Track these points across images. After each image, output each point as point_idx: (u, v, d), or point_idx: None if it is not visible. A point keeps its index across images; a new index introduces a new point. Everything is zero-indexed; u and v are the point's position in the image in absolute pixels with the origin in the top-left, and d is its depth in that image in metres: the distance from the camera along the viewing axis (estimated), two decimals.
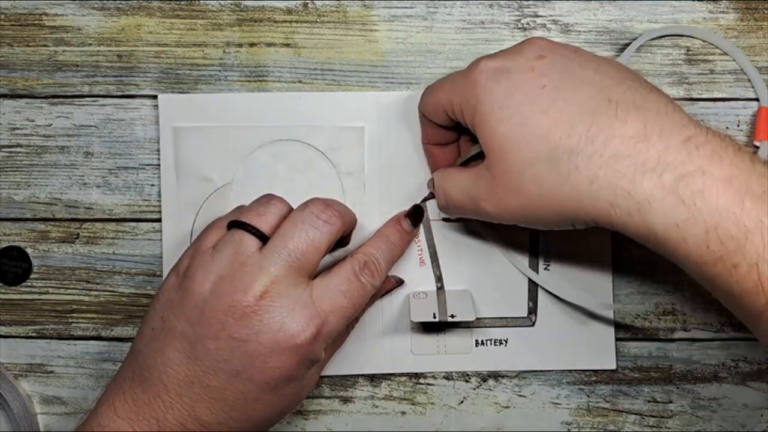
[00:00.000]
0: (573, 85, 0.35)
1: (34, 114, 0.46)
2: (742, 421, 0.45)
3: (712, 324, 0.45)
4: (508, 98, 0.35)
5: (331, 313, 0.37)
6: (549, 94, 0.35)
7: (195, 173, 0.45)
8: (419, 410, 0.46)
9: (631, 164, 0.33)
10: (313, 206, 0.39)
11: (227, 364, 0.36)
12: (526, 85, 0.35)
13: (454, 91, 0.38)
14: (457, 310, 0.43)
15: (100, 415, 0.36)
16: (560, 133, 0.34)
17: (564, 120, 0.34)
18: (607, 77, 0.35)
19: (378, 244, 0.41)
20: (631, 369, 0.46)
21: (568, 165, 0.34)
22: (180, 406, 0.36)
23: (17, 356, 0.46)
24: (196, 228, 0.45)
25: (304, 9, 0.46)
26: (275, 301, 0.36)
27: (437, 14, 0.45)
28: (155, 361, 0.37)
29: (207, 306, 0.36)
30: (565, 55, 0.37)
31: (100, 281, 0.46)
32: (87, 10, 0.46)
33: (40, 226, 0.46)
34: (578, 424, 0.46)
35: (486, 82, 0.36)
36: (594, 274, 0.45)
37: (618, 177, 0.33)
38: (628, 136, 0.33)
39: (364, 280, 0.39)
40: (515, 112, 0.35)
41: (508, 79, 0.36)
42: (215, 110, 0.45)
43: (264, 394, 0.37)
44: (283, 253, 0.37)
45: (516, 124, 0.35)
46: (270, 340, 0.36)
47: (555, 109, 0.34)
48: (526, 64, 0.36)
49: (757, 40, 0.45)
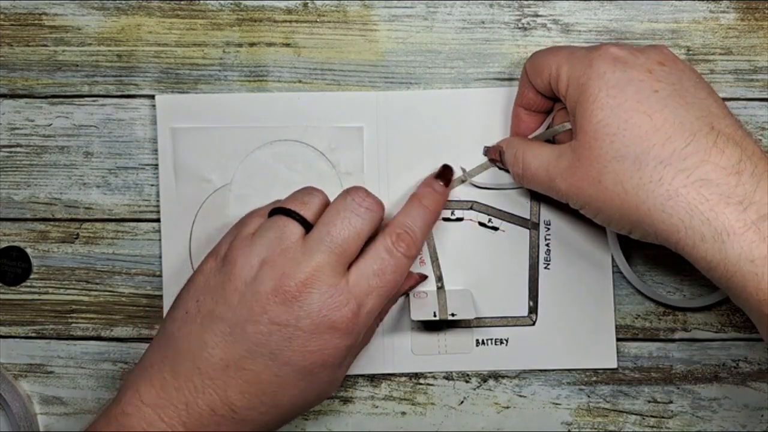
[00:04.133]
0: (683, 101, 0.35)
1: (34, 114, 0.46)
2: (742, 421, 0.45)
3: (713, 324, 0.45)
4: (618, 89, 0.36)
5: (366, 296, 0.37)
6: (658, 100, 0.35)
7: (194, 174, 0.45)
8: (419, 410, 0.46)
9: (716, 192, 0.33)
10: (355, 194, 0.39)
11: (265, 348, 0.36)
12: (641, 83, 0.36)
13: (568, 62, 0.38)
14: (458, 309, 0.43)
15: (123, 402, 0.36)
16: (656, 140, 0.34)
17: (664, 129, 0.34)
18: (716, 106, 0.36)
19: (410, 211, 0.41)
20: (631, 369, 0.45)
21: (652, 173, 0.34)
22: (212, 390, 0.36)
23: (17, 356, 0.46)
24: (195, 228, 0.45)
25: (304, 9, 0.46)
26: (316, 288, 0.36)
27: (437, 14, 0.45)
28: (189, 345, 0.37)
29: (248, 290, 0.36)
30: (683, 71, 0.37)
31: (99, 281, 0.46)
32: (87, 10, 0.46)
33: (40, 226, 0.46)
34: (578, 425, 0.46)
35: (602, 66, 0.36)
36: (594, 273, 0.45)
37: (700, 201, 0.33)
38: (721, 165, 0.33)
39: (398, 253, 0.39)
40: (621, 104, 0.35)
41: (624, 71, 0.36)
42: (213, 111, 0.45)
43: (298, 379, 0.37)
44: (327, 240, 0.37)
45: (617, 116, 0.35)
46: (309, 325, 0.36)
47: (659, 117, 0.35)
48: (646, 64, 0.36)
49: (758, 40, 0.45)
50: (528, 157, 0.40)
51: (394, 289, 0.39)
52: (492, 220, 0.45)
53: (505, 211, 0.45)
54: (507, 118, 0.45)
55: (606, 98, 0.36)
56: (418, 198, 0.42)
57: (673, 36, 0.45)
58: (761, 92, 0.45)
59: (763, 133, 0.45)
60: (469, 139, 0.45)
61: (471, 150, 0.45)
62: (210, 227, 0.45)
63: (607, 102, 0.36)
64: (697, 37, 0.45)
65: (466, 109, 0.45)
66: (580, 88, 0.37)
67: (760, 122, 0.45)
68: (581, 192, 0.36)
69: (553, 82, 0.39)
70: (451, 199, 0.45)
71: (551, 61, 0.39)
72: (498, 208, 0.45)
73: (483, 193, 0.45)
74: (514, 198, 0.45)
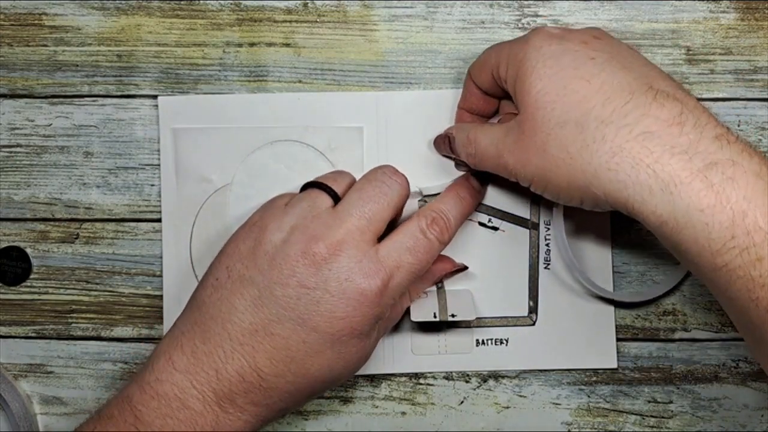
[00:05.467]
0: (620, 65, 0.36)
1: (34, 114, 0.46)
2: (742, 421, 0.45)
3: (713, 324, 0.45)
4: (554, 59, 0.36)
5: (396, 269, 0.37)
6: (595, 65, 0.36)
7: (195, 174, 0.45)
8: (419, 410, 0.46)
9: (660, 144, 0.33)
10: (386, 168, 0.40)
11: (293, 312, 0.36)
12: (577, 53, 0.36)
13: (505, 49, 0.39)
14: (458, 310, 0.43)
15: (157, 370, 0.36)
16: (595, 101, 0.34)
17: (603, 90, 0.35)
18: (654, 71, 0.36)
19: (447, 199, 0.41)
20: (631, 369, 0.45)
21: (594, 133, 0.34)
22: (240, 356, 0.36)
23: (17, 356, 0.46)
24: (195, 228, 0.45)
25: (304, 9, 0.46)
26: (345, 252, 0.37)
27: (437, 14, 0.45)
28: (219, 310, 0.37)
29: (278, 253, 0.37)
30: (619, 44, 0.38)
31: (99, 281, 0.46)
32: (87, 10, 0.46)
33: (40, 226, 0.46)
34: (578, 425, 0.46)
35: (537, 41, 0.37)
36: (594, 273, 0.45)
37: (645, 154, 0.33)
38: (662, 118, 0.33)
39: (431, 236, 0.39)
40: (558, 72, 0.36)
41: (560, 43, 0.37)
42: (214, 111, 0.45)
43: (326, 347, 0.37)
44: (358, 206, 0.38)
45: (555, 83, 0.36)
46: (337, 289, 0.36)
47: (597, 80, 0.35)
48: (581, 37, 0.37)
49: (758, 40, 0.45)
50: (479, 136, 0.40)
51: (423, 270, 0.39)
52: (492, 220, 0.45)
53: (505, 211, 0.45)
54: None
55: (543, 68, 0.36)
56: (455, 188, 0.43)
57: (673, 36, 0.45)
58: (761, 92, 0.45)
59: (763, 133, 0.45)
60: None
61: None
62: (210, 227, 0.45)
63: (544, 72, 0.36)
64: (697, 37, 0.45)
65: None
66: (518, 63, 0.37)
67: (760, 122, 0.45)
68: (528, 164, 0.36)
69: (494, 70, 0.39)
70: None
71: (491, 54, 0.40)
72: (498, 208, 0.45)
73: None
74: (514, 198, 0.45)
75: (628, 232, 0.45)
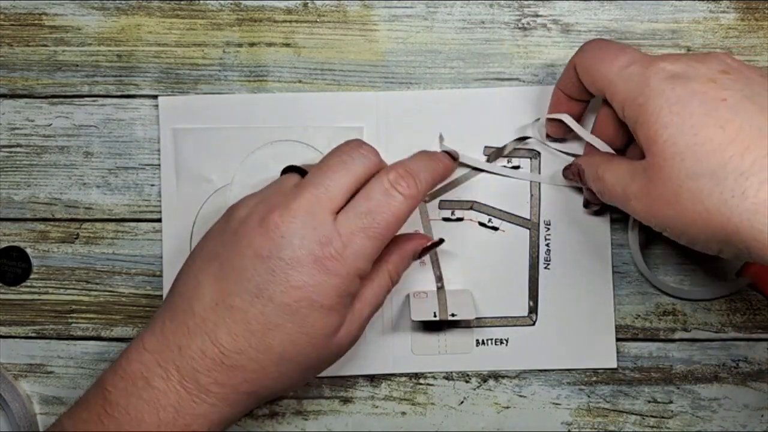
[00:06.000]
0: (756, 107, 0.33)
1: (34, 114, 0.46)
2: (742, 421, 0.45)
3: (713, 324, 0.45)
4: (680, 104, 0.34)
5: (352, 235, 0.36)
6: (728, 109, 0.33)
7: (195, 174, 0.45)
8: (419, 410, 0.46)
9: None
10: (352, 141, 0.39)
11: (250, 283, 0.36)
12: (705, 95, 0.34)
13: (621, 80, 0.36)
14: (458, 309, 0.43)
15: (129, 351, 0.37)
16: (733, 151, 0.32)
17: (740, 139, 0.32)
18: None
19: (418, 159, 0.40)
20: (631, 369, 0.45)
21: (734, 186, 0.32)
22: (203, 332, 0.36)
23: (17, 356, 0.46)
24: (196, 228, 0.45)
25: (304, 9, 0.46)
26: (299, 219, 0.36)
27: (437, 14, 0.45)
28: (187, 287, 0.37)
29: (240, 226, 0.37)
30: (750, 77, 0.35)
31: (99, 281, 0.46)
32: (87, 10, 0.46)
33: (40, 226, 0.46)
34: (578, 425, 0.46)
35: (660, 84, 0.35)
36: (594, 273, 0.45)
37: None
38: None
39: (395, 193, 0.37)
40: (686, 119, 0.33)
41: (685, 85, 0.34)
42: (215, 111, 0.45)
43: (285, 319, 0.36)
44: (317, 176, 0.37)
45: (684, 132, 0.33)
46: (291, 256, 0.35)
47: (732, 126, 0.33)
48: (707, 74, 0.34)
49: (758, 40, 0.45)
50: (607, 173, 0.38)
51: (387, 233, 0.37)
52: (492, 220, 0.45)
53: (505, 211, 0.45)
54: (507, 118, 0.45)
55: (669, 115, 0.34)
56: (425, 152, 0.41)
57: (673, 36, 0.45)
58: None
59: None
60: (469, 139, 0.45)
61: (471, 150, 0.45)
62: None
63: (671, 119, 0.34)
64: (697, 37, 0.45)
65: (466, 109, 0.45)
66: (639, 108, 0.35)
67: None
68: (659, 214, 0.35)
69: (608, 97, 0.38)
70: (451, 198, 0.45)
71: (603, 74, 0.37)
72: (498, 208, 0.45)
73: (483, 193, 0.45)
74: (514, 198, 0.45)
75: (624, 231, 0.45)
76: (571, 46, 0.45)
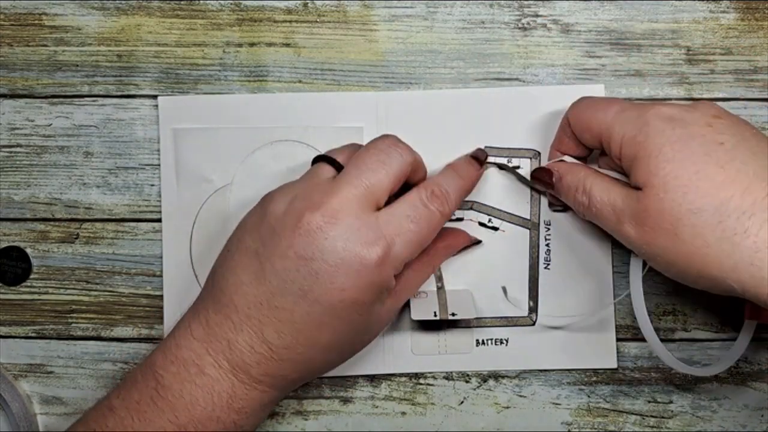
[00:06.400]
0: (751, 151, 0.35)
1: (34, 114, 0.46)
2: (742, 421, 0.45)
3: (713, 324, 0.45)
4: (681, 143, 0.35)
5: (397, 236, 0.37)
6: (726, 151, 0.34)
7: (195, 174, 0.45)
8: (419, 410, 0.46)
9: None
10: (387, 137, 0.40)
11: (294, 285, 0.36)
12: (704, 137, 0.35)
13: (619, 122, 0.37)
14: (458, 309, 0.43)
15: (178, 337, 0.37)
16: (734, 191, 0.33)
17: (740, 179, 0.33)
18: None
19: (446, 175, 0.41)
20: (631, 369, 0.45)
21: (735, 225, 0.33)
22: (249, 328, 0.36)
23: (17, 356, 0.46)
24: (196, 228, 0.45)
25: (304, 9, 0.46)
26: (343, 221, 0.36)
27: (437, 14, 0.45)
28: (227, 282, 0.37)
29: (278, 224, 0.37)
30: (740, 123, 0.36)
31: (99, 281, 0.46)
32: (87, 10, 0.46)
33: (40, 226, 0.46)
34: (578, 425, 0.46)
35: (660, 124, 0.36)
36: (594, 273, 0.45)
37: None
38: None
39: (433, 207, 0.38)
40: (688, 156, 0.34)
41: (684, 127, 0.35)
42: (215, 111, 0.45)
43: (331, 318, 0.36)
44: (355, 174, 0.37)
45: (686, 168, 0.34)
46: (335, 258, 0.36)
47: (731, 167, 0.34)
48: (702, 119, 0.36)
49: (758, 40, 0.45)
50: (596, 189, 0.38)
51: (424, 241, 0.38)
52: (492, 220, 0.45)
53: (505, 211, 0.45)
54: (507, 118, 0.45)
55: (671, 152, 0.35)
56: (453, 167, 0.42)
57: (673, 36, 0.45)
58: (761, 92, 0.45)
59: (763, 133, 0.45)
60: (469, 139, 0.45)
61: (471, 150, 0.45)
62: (210, 227, 0.45)
63: (673, 155, 0.35)
64: (697, 37, 0.45)
65: (466, 109, 0.45)
66: (638, 146, 0.36)
67: (760, 122, 0.45)
68: (653, 243, 0.35)
69: (605, 142, 0.38)
70: None
71: (601, 119, 0.38)
72: (498, 208, 0.45)
73: (483, 193, 0.45)
74: (514, 198, 0.45)
75: None
76: (571, 46, 0.45)
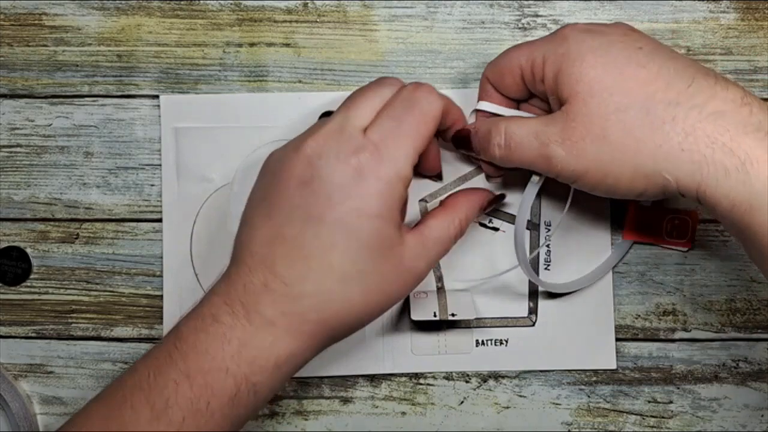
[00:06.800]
0: (668, 55, 0.36)
1: (34, 114, 0.46)
2: (742, 421, 0.45)
3: (713, 324, 0.45)
4: (603, 49, 0.36)
5: (384, 138, 0.36)
6: (646, 54, 0.35)
7: (195, 173, 0.45)
8: (419, 410, 0.46)
9: (733, 122, 0.33)
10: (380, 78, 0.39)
11: (298, 210, 0.36)
12: (623, 43, 0.36)
13: (538, 47, 0.38)
14: (458, 309, 0.43)
15: (203, 298, 0.38)
16: (657, 85, 0.34)
17: (662, 76, 0.34)
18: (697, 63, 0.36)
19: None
20: (631, 369, 0.45)
21: (663, 115, 0.34)
22: (263, 267, 0.36)
23: (17, 356, 0.46)
24: (196, 228, 0.45)
25: (304, 9, 0.46)
26: (331, 138, 0.36)
27: (437, 14, 0.45)
28: (244, 233, 0.38)
29: (278, 164, 0.38)
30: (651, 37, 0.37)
31: (99, 281, 0.46)
32: (87, 10, 0.46)
33: (40, 226, 0.46)
34: (578, 425, 0.46)
35: (579, 35, 0.36)
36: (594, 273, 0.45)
37: (720, 132, 0.33)
38: (730, 99, 0.33)
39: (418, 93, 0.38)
40: (610, 60, 0.35)
41: (602, 35, 0.36)
42: (216, 111, 0.45)
43: (339, 236, 0.36)
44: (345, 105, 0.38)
45: (610, 71, 0.35)
46: (330, 173, 0.36)
47: (653, 66, 0.35)
48: (618, 29, 0.37)
49: (758, 40, 0.45)
50: (513, 125, 0.38)
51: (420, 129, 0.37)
52: (492, 220, 0.45)
53: (505, 212, 0.45)
54: None
55: (594, 58, 0.35)
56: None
57: (673, 36, 0.45)
58: (761, 92, 0.45)
59: None
60: None
61: None
62: (211, 227, 0.45)
63: (596, 61, 0.35)
64: (697, 37, 0.45)
65: (466, 109, 0.45)
66: (560, 57, 0.36)
67: None
68: (582, 154, 0.35)
69: (525, 71, 0.38)
70: None
71: (515, 55, 0.39)
72: (498, 208, 0.45)
73: None
74: (514, 198, 0.45)
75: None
76: None
